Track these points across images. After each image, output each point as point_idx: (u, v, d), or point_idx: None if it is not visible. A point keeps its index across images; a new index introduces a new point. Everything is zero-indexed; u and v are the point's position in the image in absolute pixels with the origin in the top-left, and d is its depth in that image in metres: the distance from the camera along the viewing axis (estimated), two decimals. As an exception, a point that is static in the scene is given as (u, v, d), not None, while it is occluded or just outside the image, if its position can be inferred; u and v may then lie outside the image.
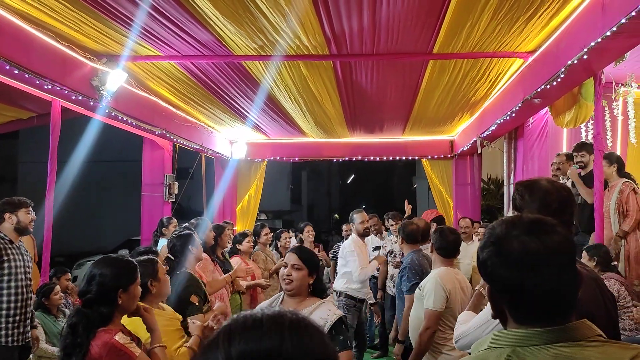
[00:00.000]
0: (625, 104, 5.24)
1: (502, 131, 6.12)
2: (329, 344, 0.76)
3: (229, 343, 0.70)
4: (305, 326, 0.74)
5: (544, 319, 1.03)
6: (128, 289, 1.99)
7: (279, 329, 0.72)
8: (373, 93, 5.51)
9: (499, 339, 1.06)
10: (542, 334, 1.02)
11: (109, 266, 2.01)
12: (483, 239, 1.12)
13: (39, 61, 3.73)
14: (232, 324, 0.74)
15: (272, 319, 0.73)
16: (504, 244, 1.06)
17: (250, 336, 0.71)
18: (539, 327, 1.02)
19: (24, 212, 3.75)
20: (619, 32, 2.95)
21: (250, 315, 0.75)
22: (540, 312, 1.04)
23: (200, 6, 3.37)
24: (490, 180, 9.83)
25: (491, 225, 1.16)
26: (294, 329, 0.72)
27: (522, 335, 1.03)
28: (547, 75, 3.99)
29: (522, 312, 1.05)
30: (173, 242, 3.41)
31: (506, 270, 1.04)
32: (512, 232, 1.06)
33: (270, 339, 0.70)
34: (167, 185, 6.66)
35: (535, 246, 1.02)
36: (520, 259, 1.03)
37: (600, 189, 3.86)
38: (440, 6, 3.41)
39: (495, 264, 1.06)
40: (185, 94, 5.54)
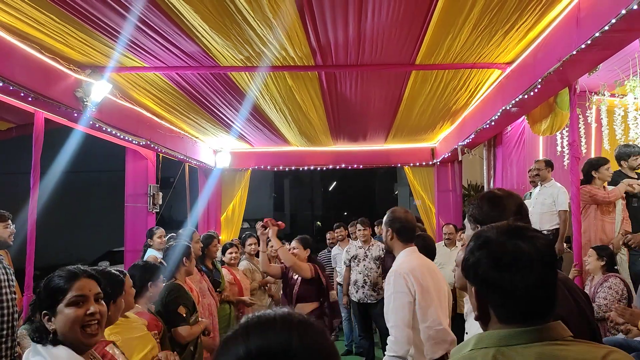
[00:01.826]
0: (599, 112, 5.44)
1: (481, 139, 6.28)
2: (330, 340, 0.88)
3: (248, 338, 0.81)
4: (310, 324, 0.86)
5: (528, 318, 1.10)
6: (117, 300, 2.04)
7: (288, 326, 0.83)
8: (357, 103, 5.60)
9: (483, 340, 1.12)
10: (525, 334, 1.09)
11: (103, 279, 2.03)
12: (472, 243, 1.18)
13: (23, 73, 3.70)
14: (249, 322, 0.85)
15: (282, 318, 0.85)
16: (496, 247, 1.13)
17: (264, 332, 0.82)
18: (522, 327, 1.09)
19: (1, 227, 3.70)
20: (593, 45, 3.09)
21: (264, 315, 0.86)
22: (525, 311, 1.11)
23: (187, 18, 3.41)
24: (470, 186, 10.02)
25: (479, 230, 1.24)
26: (301, 327, 0.84)
27: (506, 335, 1.10)
28: (524, 86, 4.13)
29: (508, 312, 1.12)
30: (168, 252, 3.42)
31: (497, 271, 1.11)
32: (502, 235, 1.14)
33: (281, 334, 0.81)
34: (151, 195, 6.62)
35: (527, 248, 1.11)
36: (511, 260, 1.11)
37: (577, 194, 4.01)
38: (422, 19, 3.52)
39: (486, 265, 1.12)
40: (169, 105, 5.54)
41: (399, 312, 2.62)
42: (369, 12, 3.38)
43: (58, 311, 1.68)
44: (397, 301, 2.63)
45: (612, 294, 3.85)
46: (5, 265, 3.69)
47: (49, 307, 1.68)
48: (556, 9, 3.43)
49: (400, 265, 2.70)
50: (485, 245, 1.15)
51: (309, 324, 0.85)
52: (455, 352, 1.20)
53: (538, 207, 5.21)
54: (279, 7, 3.24)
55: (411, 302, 2.62)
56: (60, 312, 1.67)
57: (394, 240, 2.84)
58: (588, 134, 5.63)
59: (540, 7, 3.38)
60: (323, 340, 0.85)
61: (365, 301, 5.75)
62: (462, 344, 1.19)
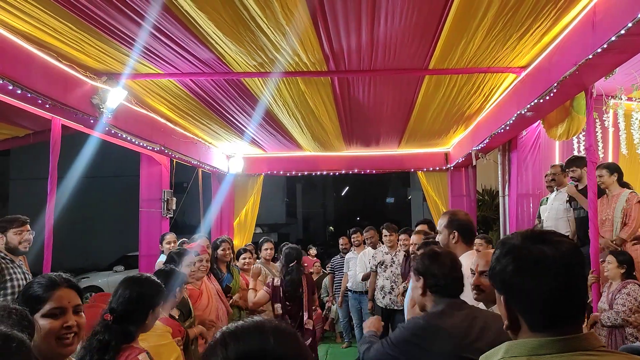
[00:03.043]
0: (616, 116, 5.37)
1: (496, 143, 6.23)
2: (303, 344, 0.93)
3: (226, 347, 0.86)
4: (283, 330, 0.91)
5: (557, 325, 1.09)
6: (155, 309, 2.04)
7: (262, 332, 0.89)
8: (370, 108, 5.60)
9: (513, 348, 1.11)
10: (555, 343, 1.07)
11: (145, 286, 2.04)
12: (497, 251, 1.18)
13: (41, 80, 3.77)
14: (225, 332, 0.90)
15: (256, 325, 0.91)
16: (520, 253, 1.13)
17: (241, 339, 0.87)
18: (552, 336, 1.08)
19: (12, 233, 3.76)
20: (609, 49, 3.05)
21: (239, 324, 0.92)
22: (552, 316, 1.10)
23: (201, 26, 3.44)
24: (484, 191, 9.92)
25: (504, 238, 1.23)
26: (275, 332, 0.89)
27: (536, 345, 1.08)
28: (539, 90, 4.09)
29: (536, 319, 1.11)
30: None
31: (521, 277, 1.12)
32: (527, 241, 1.14)
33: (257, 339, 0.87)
34: (165, 200, 6.68)
35: (551, 253, 1.11)
36: (535, 265, 1.11)
37: (594, 199, 3.94)
38: (436, 24, 3.51)
39: (512, 271, 1.13)
40: (183, 111, 5.59)
41: None
42: (382, 17, 3.38)
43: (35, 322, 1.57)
44: None
45: (630, 301, 3.77)
46: (24, 271, 3.75)
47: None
48: (572, 12, 3.39)
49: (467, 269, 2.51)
50: (510, 252, 1.15)
51: (283, 329, 0.91)
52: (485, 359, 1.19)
53: (554, 212, 5.14)
54: (292, 13, 3.26)
55: None
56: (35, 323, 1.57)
57: (458, 243, 2.74)
58: (605, 139, 5.55)
59: (556, 11, 3.35)
60: (296, 343, 0.90)
61: (392, 307, 5.75)
62: (491, 352, 1.18)
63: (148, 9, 3.18)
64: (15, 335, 1.17)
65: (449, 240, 2.77)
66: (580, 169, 4.84)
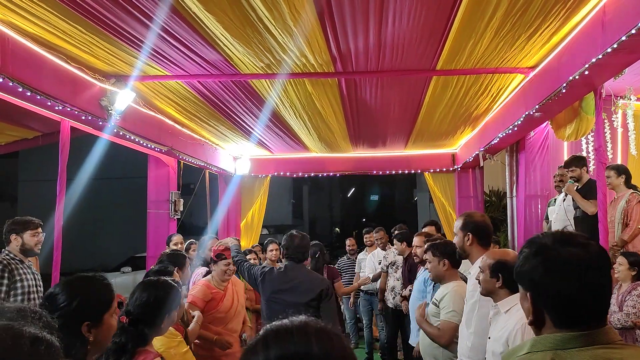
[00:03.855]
0: (625, 116, 5.32)
1: (503, 144, 6.19)
2: (348, 346, 0.89)
3: (267, 348, 0.83)
4: (327, 332, 0.87)
5: (583, 322, 1.15)
6: (172, 313, 2.04)
7: (306, 334, 0.85)
8: (377, 109, 5.59)
9: (539, 343, 1.17)
10: (580, 337, 1.14)
11: (163, 290, 2.05)
12: (526, 250, 1.25)
13: (51, 83, 3.80)
14: (267, 332, 0.87)
15: (299, 327, 0.87)
16: (551, 254, 1.19)
17: (283, 341, 0.84)
18: (577, 331, 1.14)
19: (29, 234, 3.78)
20: (619, 48, 3.02)
21: (281, 325, 0.88)
22: (580, 315, 1.16)
23: (209, 27, 3.45)
24: (492, 192, 9.87)
25: (532, 238, 1.28)
26: (319, 334, 0.85)
27: (562, 339, 1.15)
28: (548, 90, 4.06)
29: (563, 316, 1.17)
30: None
31: (552, 277, 1.17)
32: (557, 243, 1.20)
33: (299, 343, 0.83)
34: (173, 202, 6.70)
35: (581, 255, 1.17)
36: (566, 266, 1.17)
37: (604, 201, 3.91)
38: (444, 25, 3.50)
39: (542, 271, 1.18)
40: (191, 112, 5.61)
41: (482, 321, 2.58)
42: (389, 18, 3.38)
43: (104, 321, 1.62)
44: (482, 309, 2.60)
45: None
46: (34, 271, 3.78)
47: (92, 317, 1.60)
48: (581, 12, 3.37)
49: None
50: (540, 253, 1.20)
51: (327, 332, 0.87)
52: (509, 355, 1.24)
53: (562, 213, 5.10)
54: (300, 14, 3.26)
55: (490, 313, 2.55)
56: (105, 322, 1.62)
57: (474, 245, 2.73)
58: (614, 139, 5.51)
59: (565, 11, 3.33)
60: (341, 346, 0.86)
61: (401, 308, 5.73)
62: (515, 347, 1.23)
63: (156, 11, 3.19)
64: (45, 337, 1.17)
65: (464, 243, 2.76)
66: (580, 168, 4.81)
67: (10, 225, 3.78)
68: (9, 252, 3.72)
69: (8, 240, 3.75)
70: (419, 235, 4.53)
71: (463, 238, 2.76)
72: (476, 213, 2.89)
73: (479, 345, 2.58)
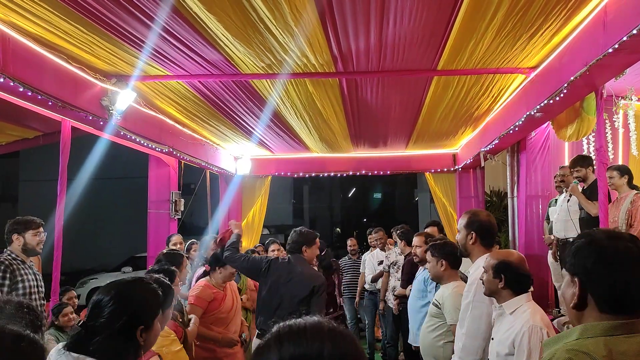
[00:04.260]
0: (626, 117, 5.32)
1: (504, 144, 6.19)
2: (360, 347, 0.89)
3: (281, 346, 0.84)
4: (340, 332, 0.87)
5: (629, 310, 1.26)
6: (166, 311, 2.04)
7: (320, 334, 0.85)
8: (378, 109, 5.59)
9: (589, 330, 1.26)
10: (627, 325, 1.24)
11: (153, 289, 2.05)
12: (581, 240, 1.36)
13: (51, 83, 3.80)
14: (281, 330, 0.87)
15: (313, 326, 0.87)
16: (608, 246, 1.29)
17: (297, 340, 0.84)
18: (623, 319, 1.25)
19: (31, 234, 3.78)
20: (620, 49, 3.02)
21: (295, 324, 0.88)
22: (628, 304, 1.27)
23: (211, 27, 3.45)
24: (492, 192, 9.86)
25: (587, 231, 1.42)
26: (332, 335, 0.86)
27: (611, 326, 1.24)
28: (549, 91, 4.06)
29: (611, 303, 1.27)
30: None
31: (608, 268, 1.28)
32: (612, 238, 1.31)
33: (314, 343, 0.84)
34: (173, 202, 6.70)
35: (635, 250, 1.28)
36: (622, 259, 1.27)
37: (605, 201, 3.90)
38: (445, 24, 3.50)
39: (597, 261, 1.29)
40: (192, 112, 5.61)
41: (475, 322, 2.59)
42: (390, 18, 3.37)
43: (154, 325, 1.66)
44: (475, 310, 2.60)
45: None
46: (35, 272, 3.78)
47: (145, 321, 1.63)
48: (582, 12, 3.36)
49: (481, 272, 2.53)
50: (595, 244, 1.31)
51: (340, 332, 0.87)
52: (554, 341, 1.32)
53: (563, 214, 5.10)
54: (301, 14, 3.26)
55: (490, 314, 2.54)
56: (154, 327, 1.66)
57: (476, 244, 2.70)
58: (615, 139, 5.51)
59: (566, 11, 3.32)
60: (354, 347, 0.87)
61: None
62: (561, 335, 1.32)
63: (157, 11, 3.19)
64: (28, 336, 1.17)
65: (467, 241, 2.73)
66: (585, 168, 4.81)
67: (12, 225, 3.77)
68: (11, 252, 3.71)
69: (10, 240, 3.75)
70: (419, 235, 4.53)
71: (466, 236, 2.73)
72: (482, 212, 2.85)
73: (471, 347, 2.57)
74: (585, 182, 4.81)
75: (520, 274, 2.40)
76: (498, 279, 2.39)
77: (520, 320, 2.27)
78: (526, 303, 2.37)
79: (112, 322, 1.54)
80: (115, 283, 1.71)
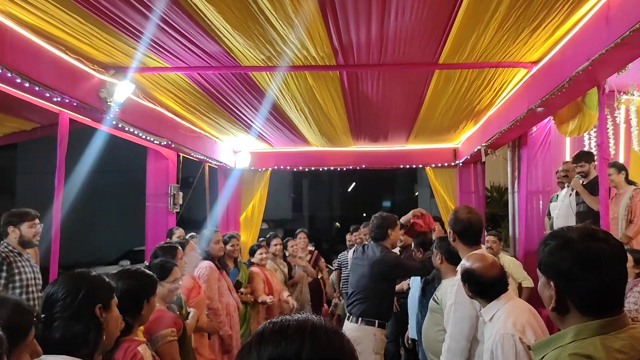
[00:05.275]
0: (628, 112, 5.30)
1: (506, 139, 6.16)
2: (348, 347, 0.85)
3: (260, 347, 0.82)
4: (325, 331, 0.84)
5: (609, 309, 1.27)
6: (150, 300, 2.05)
7: (301, 334, 0.83)
8: (378, 102, 5.55)
9: (583, 331, 1.26)
10: (615, 322, 1.26)
11: (134, 278, 2.06)
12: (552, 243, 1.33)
13: (49, 74, 3.76)
14: (264, 330, 0.86)
15: (296, 325, 0.85)
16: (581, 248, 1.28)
17: (276, 341, 0.82)
18: (608, 317, 1.26)
19: (27, 225, 3.77)
20: (623, 43, 2.98)
21: (279, 322, 0.86)
22: (607, 302, 1.27)
23: (210, 18, 3.41)
24: (493, 187, 9.85)
25: (557, 231, 1.37)
26: (314, 335, 0.83)
27: (602, 325, 1.25)
28: (551, 85, 4.03)
29: (591, 304, 1.27)
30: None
31: (583, 270, 1.26)
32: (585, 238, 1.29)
33: (292, 343, 0.81)
34: (172, 195, 6.68)
35: (608, 249, 1.27)
36: (596, 259, 1.26)
37: (606, 196, 3.89)
38: (447, 18, 3.46)
39: (572, 263, 1.27)
40: (190, 105, 5.57)
41: (457, 324, 2.57)
42: (392, 10, 3.34)
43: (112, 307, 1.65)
44: (457, 312, 2.59)
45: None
46: (32, 264, 3.76)
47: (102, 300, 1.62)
48: (585, 6, 3.33)
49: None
50: (568, 246, 1.29)
51: (325, 331, 0.84)
52: (545, 345, 1.31)
53: (564, 209, 5.08)
54: (301, 6, 3.22)
55: (472, 316, 2.52)
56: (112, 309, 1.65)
57: (457, 242, 2.72)
58: (616, 135, 5.49)
59: (569, 5, 3.29)
60: (336, 347, 0.83)
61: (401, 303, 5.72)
62: (551, 338, 1.32)
63: (156, 1, 3.15)
64: None
65: (450, 239, 2.77)
66: (589, 163, 4.80)
67: (7, 218, 3.76)
68: (7, 245, 3.70)
69: (6, 233, 3.74)
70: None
71: (449, 235, 2.77)
72: (463, 209, 2.80)
73: (455, 349, 2.56)
74: (587, 177, 4.79)
75: (481, 283, 2.31)
76: (465, 286, 2.37)
77: (495, 328, 2.23)
78: (503, 306, 2.29)
79: (68, 304, 1.53)
80: (64, 274, 1.72)
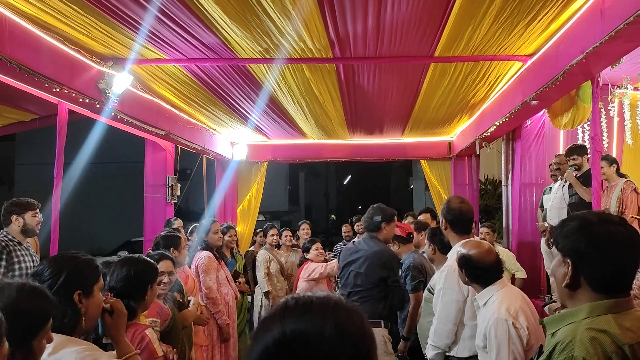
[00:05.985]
0: (621, 106, 5.35)
1: (500, 132, 6.22)
2: (368, 327, 0.87)
3: (284, 320, 0.83)
4: (347, 309, 0.86)
5: (621, 289, 1.35)
6: (153, 286, 2.10)
7: (325, 309, 0.84)
8: (374, 95, 5.59)
9: (597, 308, 1.33)
10: (625, 302, 1.34)
11: (138, 264, 2.11)
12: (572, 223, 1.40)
13: (48, 64, 3.77)
14: (287, 303, 0.86)
15: (320, 300, 0.86)
16: (600, 230, 1.35)
17: (300, 316, 0.83)
18: (619, 297, 1.33)
19: (30, 215, 3.80)
20: (617, 37, 3.03)
21: (302, 297, 0.87)
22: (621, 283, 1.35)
23: (208, 10, 3.44)
24: (487, 180, 9.93)
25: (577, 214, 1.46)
26: (337, 311, 0.84)
27: (614, 304, 1.33)
28: (545, 78, 4.07)
29: (604, 283, 1.35)
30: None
31: (600, 250, 1.33)
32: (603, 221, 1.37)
33: (316, 318, 0.82)
34: (170, 186, 6.72)
35: (625, 232, 1.35)
36: (615, 241, 1.33)
37: (598, 188, 3.96)
38: (443, 10, 3.50)
39: (589, 244, 1.34)
40: (188, 96, 5.60)
41: (445, 308, 2.65)
42: (388, 3, 3.37)
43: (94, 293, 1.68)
44: (445, 297, 2.66)
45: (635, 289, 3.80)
46: (32, 253, 3.80)
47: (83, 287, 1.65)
48: (580, 0, 3.37)
49: (454, 259, 2.60)
50: (588, 228, 1.36)
51: (346, 308, 0.86)
52: (558, 320, 1.38)
53: (557, 201, 5.15)
54: (299, -2, 3.25)
55: (460, 301, 2.61)
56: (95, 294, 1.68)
57: (448, 230, 2.80)
58: (610, 128, 5.55)
59: (564, -2, 3.33)
60: (359, 324, 0.85)
61: None
62: (565, 314, 1.38)
63: (155, -7, 3.17)
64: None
65: (443, 228, 2.85)
66: (581, 157, 4.87)
67: (10, 207, 3.79)
68: (7, 234, 3.74)
69: (8, 222, 3.77)
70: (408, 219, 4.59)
71: (442, 223, 2.85)
72: (455, 199, 2.88)
73: (442, 331, 2.64)
74: (580, 170, 4.86)
75: (479, 268, 2.38)
76: (461, 271, 2.44)
77: (489, 312, 2.30)
78: (497, 292, 2.35)
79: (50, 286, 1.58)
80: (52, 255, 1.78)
